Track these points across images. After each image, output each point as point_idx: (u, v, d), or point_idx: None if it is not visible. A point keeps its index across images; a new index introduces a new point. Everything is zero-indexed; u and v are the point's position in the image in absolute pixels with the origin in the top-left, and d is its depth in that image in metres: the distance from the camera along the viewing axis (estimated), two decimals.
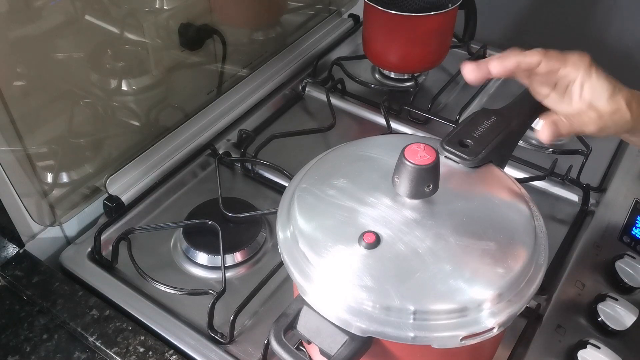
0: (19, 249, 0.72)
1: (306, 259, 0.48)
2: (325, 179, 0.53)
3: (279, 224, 0.52)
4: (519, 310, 0.46)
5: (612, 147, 0.89)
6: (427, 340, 0.44)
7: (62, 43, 0.70)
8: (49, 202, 0.72)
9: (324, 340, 0.47)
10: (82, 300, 0.66)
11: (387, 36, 0.94)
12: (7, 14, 0.62)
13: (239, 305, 0.64)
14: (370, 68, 1.05)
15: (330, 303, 0.46)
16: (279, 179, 0.82)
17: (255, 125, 0.92)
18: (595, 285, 0.68)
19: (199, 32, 0.87)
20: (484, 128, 0.56)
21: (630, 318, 0.62)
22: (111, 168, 0.78)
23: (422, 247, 0.47)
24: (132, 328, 0.64)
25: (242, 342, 0.64)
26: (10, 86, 0.64)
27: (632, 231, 0.73)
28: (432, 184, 0.49)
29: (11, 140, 0.65)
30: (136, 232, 0.73)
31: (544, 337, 0.63)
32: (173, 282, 0.68)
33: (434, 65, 0.99)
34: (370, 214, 0.49)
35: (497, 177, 0.54)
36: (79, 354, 0.63)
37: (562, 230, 0.76)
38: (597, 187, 0.81)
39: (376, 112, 0.94)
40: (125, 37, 0.78)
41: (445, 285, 0.45)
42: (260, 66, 0.97)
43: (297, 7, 1.09)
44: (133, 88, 0.81)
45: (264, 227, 0.75)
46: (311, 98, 0.99)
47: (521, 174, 0.81)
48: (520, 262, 0.47)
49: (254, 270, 0.72)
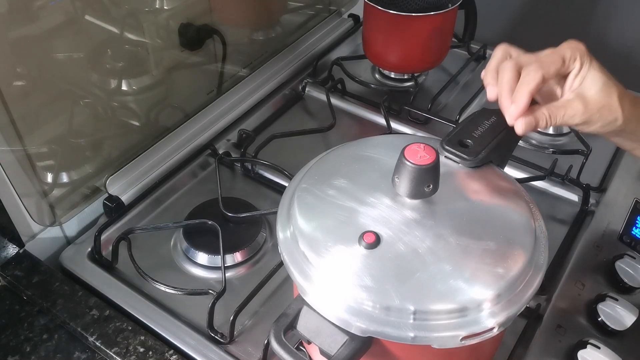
0: (19, 249, 0.72)
1: (306, 259, 0.48)
2: (325, 179, 0.53)
3: (279, 224, 0.52)
4: (519, 310, 0.46)
5: (612, 147, 0.89)
6: (427, 340, 0.44)
7: (62, 43, 0.70)
8: (49, 202, 0.72)
9: (324, 340, 0.47)
10: (82, 300, 0.66)
11: (387, 36, 0.94)
12: (7, 14, 0.62)
13: (239, 305, 0.64)
14: (370, 68, 1.05)
15: (330, 303, 0.46)
16: (279, 179, 0.82)
17: (255, 125, 0.92)
18: (595, 285, 0.68)
19: (199, 32, 0.87)
20: (484, 128, 0.56)
21: (630, 318, 0.62)
22: (111, 168, 0.78)
23: (422, 247, 0.47)
24: (132, 328, 0.64)
25: (242, 342, 0.64)
26: (10, 86, 0.64)
27: (632, 231, 0.73)
28: (432, 184, 0.49)
29: (11, 140, 0.65)
30: (136, 232, 0.73)
31: (544, 337, 0.63)
32: (173, 282, 0.68)
33: (434, 65, 0.99)
34: (370, 214, 0.49)
35: (497, 177, 0.54)
36: (79, 354, 0.63)
37: (562, 230, 0.76)
38: (597, 187, 0.81)
39: (376, 112, 0.94)
40: (125, 37, 0.78)
41: (445, 285, 0.45)
42: (260, 66, 0.97)
43: (297, 7, 1.09)
44: (133, 88, 0.81)
45: (264, 227, 0.75)
46: (311, 98, 0.99)
47: (521, 174, 0.81)
48: (520, 262, 0.47)
49: (254, 270, 0.72)
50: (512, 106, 0.52)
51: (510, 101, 0.53)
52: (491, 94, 0.55)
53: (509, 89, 0.53)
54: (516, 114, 0.52)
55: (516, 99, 0.52)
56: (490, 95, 0.55)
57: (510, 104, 0.53)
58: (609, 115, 0.54)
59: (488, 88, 0.56)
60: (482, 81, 0.57)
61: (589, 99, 0.53)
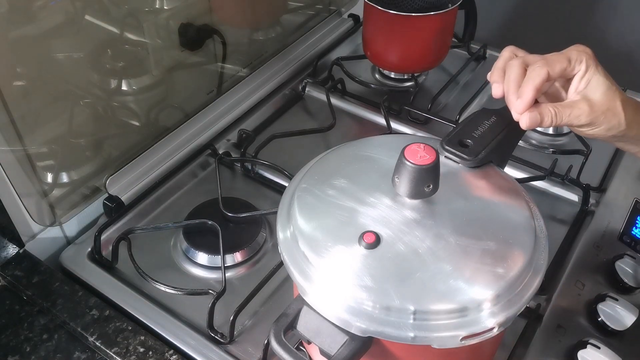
0: (19, 249, 0.72)
1: (306, 259, 0.48)
2: (325, 179, 0.53)
3: (279, 224, 0.52)
4: (519, 310, 0.46)
5: (612, 147, 0.88)
6: (427, 340, 0.44)
7: (62, 43, 0.70)
8: (49, 202, 0.72)
9: (324, 340, 0.47)
10: (82, 300, 0.66)
11: (387, 36, 0.94)
12: (7, 14, 0.62)
13: (239, 305, 0.64)
14: (370, 68, 1.05)
15: (330, 303, 0.46)
16: (279, 179, 0.82)
17: (255, 125, 0.92)
18: (595, 285, 0.68)
19: (199, 32, 0.87)
20: (484, 128, 0.56)
21: (630, 318, 0.62)
22: (111, 168, 0.78)
23: (422, 247, 0.47)
24: (132, 328, 0.64)
25: (242, 342, 0.64)
26: (10, 86, 0.64)
27: (632, 231, 0.73)
28: (432, 184, 0.49)
29: (11, 140, 0.65)
30: (136, 232, 0.73)
31: (544, 337, 0.63)
32: (173, 282, 0.68)
33: (434, 65, 0.99)
34: (370, 214, 0.49)
35: (497, 177, 0.54)
36: (79, 354, 0.63)
37: (562, 230, 0.76)
38: (597, 187, 0.81)
39: (376, 112, 0.94)
40: (125, 37, 0.78)
41: (445, 285, 0.45)
42: (260, 66, 0.97)
43: (297, 7, 1.09)
44: (133, 88, 0.81)
45: (264, 227, 0.75)
46: (311, 98, 0.99)
47: (521, 174, 0.81)
48: (520, 262, 0.47)
49: (254, 270, 0.72)
50: (518, 101, 0.53)
51: (516, 96, 0.54)
52: (497, 91, 0.56)
53: (516, 85, 0.54)
54: (522, 108, 0.53)
55: (522, 94, 0.53)
56: (496, 92, 0.56)
57: (517, 99, 0.54)
58: (612, 119, 0.54)
59: (494, 85, 0.57)
60: (489, 81, 0.58)
61: (594, 101, 0.54)
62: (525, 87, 0.53)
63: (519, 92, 0.54)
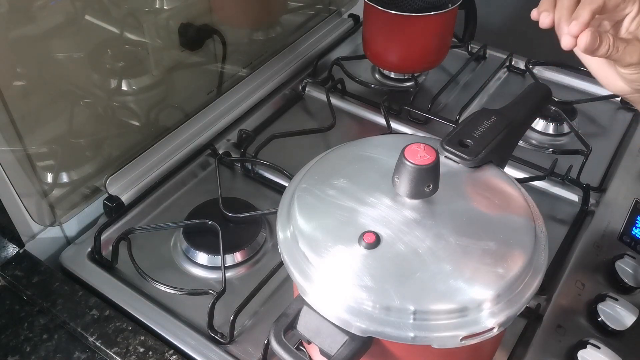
0: (19, 249, 0.72)
1: (306, 259, 0.48)
2: (325, 179, 0.53)
3: (279, 224, 0.52)
4: (519, 310, 0.46)
5: (612, 147, 0.89)
6: (427, 340, 0.44)
7: (62, 43, 0.70)
8: (49, 202, 0.72)
9: (324, 340, 0.47)
10: (82, 300, 0.66)
11: (387, 36, 0.94)
12: (7, 14, 0.62)
13: (239, 305, 0.64)
14: (370, 68, 1.05)
15: (330, 303, 0.46)
16: (279, 179, 0.82)
17: (255, 125, 0.92)
18: (595, 285, 0.68)
19: (199, 32, 0.87)
20: (484, 128, 0.56)
21: (630, 318, 0.62)
22: (111, 168, 0.78)
23: (422, 247, 0.47)
24: (132, 328, 0.64)
25: (242, 342, 0.64)
26: (10, 86, 0.64)
27: (632, 231, 0.73)
28: (432, 184, 0.49)
29: (11, 140, 0.65)
30: (136, 232, 0.73)
31: (544, 337, 0.63)
32: (173, 282, 0.68)
33: (434, 65, 0.99)
34: (370, 214, 0.49)
35: (497, 177, 0.54)
36: (79, 354, 0.63)
37: (562, 230, 0.76)
38: (597, 187, 0.81)
39: (376, 112, 0.94)
40: (125, 37, 0.78)
41: (445, 285, 0.45)
42: (260, 66, 0.97)
43: (297, 7, 1.09)
44: (133, 88, 0.81)
45: (264, 227, 0.75)
46: (311, 98, 0.99)
47: (521, 174, 0.81)
48: (520, 262, 0.47)
49: (254, 270, 0.72)
50: (573, 22, 0.50)
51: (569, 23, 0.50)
52: (546, 20, 0.53)
53: (569, 13, 0.51)
54: (577, 30, 0.50)
55: (578, 16, 0.50)
56: (544, 21, 0.53)
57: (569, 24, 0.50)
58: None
59: (543, 14, 0.53)
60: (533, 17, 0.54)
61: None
62: (581, 9, 0.50)
63: (574, 14, 0.50)
